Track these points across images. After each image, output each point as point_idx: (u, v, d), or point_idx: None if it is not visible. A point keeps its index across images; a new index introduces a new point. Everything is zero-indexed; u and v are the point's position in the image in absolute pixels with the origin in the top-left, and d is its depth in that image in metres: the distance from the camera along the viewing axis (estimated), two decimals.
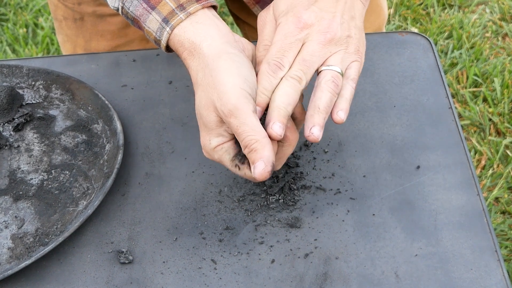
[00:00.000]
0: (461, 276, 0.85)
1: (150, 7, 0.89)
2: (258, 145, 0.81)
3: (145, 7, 0.89)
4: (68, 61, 1.15)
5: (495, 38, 2.54)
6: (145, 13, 0.89)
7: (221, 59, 0.85)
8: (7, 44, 2.58)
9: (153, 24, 0.89)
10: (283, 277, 0.85)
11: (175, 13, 0.88)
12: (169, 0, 0.88)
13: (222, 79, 0.83)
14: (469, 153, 0.98)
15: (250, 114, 0.82)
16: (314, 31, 0.86)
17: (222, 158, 0.86)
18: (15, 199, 0.96)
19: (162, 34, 0.88)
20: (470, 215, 0.91)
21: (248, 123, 0.82)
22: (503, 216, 1.99)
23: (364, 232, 0.90)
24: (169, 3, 0.88)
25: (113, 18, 1.24)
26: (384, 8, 1.33)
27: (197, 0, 0.89)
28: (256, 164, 0.82)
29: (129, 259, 0.88)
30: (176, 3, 0.88)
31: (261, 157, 0.81)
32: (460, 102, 2.30)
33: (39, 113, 1.06)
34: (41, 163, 1.00)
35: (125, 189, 0.96)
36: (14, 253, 0.89)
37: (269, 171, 0.82)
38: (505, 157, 2.12)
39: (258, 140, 0.81)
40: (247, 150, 0.82)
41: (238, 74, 0.84)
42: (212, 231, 0.91)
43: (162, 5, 0.88)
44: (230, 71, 0.84)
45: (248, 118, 0.82)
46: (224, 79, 0.83)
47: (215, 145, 0.85)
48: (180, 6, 0.88)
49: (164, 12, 0.88)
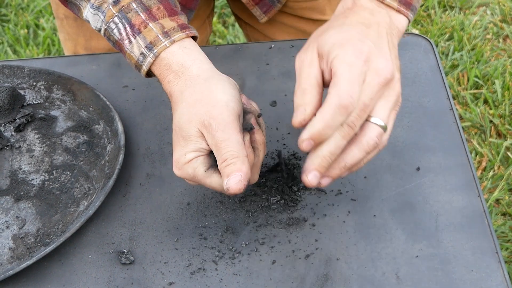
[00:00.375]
0: (462, 277, 0.85)
1: (135, 32, 0.89)
2: (238, 160, 0.82)
3: (130, 32, 0.90)
4: (70, 62, 1.15)
5: (496, 40, 2.54)
6: (129, 37, 0.90)
7: (213, 79, 0.86)
8: (8, 45, 2.58)
9: (136, 49, 0.89)
10: (284, 278, 0.86)
11: (159, 40, 0.88)
12: (154, 26, 0.89)
13: (215, 96, 0.84)
14: (470, 155, 0.98)
15: (237, 132, 0.83)
16: (372, 69, 0.79)
17: (197, 170, 0.85)
18: (16, 200, 0.96)
19: (145, 60, 0.89)
20: (471, 217, 0.91)
21: (233, 140, 0.83)
22: (504, 218, 1.99)
23: (365, 233, 0.90)
24: (154, 30, 0.89)
25: None
26: None
27: (181, 29, 0.89)
28: (232, 176, 0.82)
29: (130, 259, 0.88)
30: (161, 30, 0.89)
31: (239, 170, 0.82)
32: (461, 103, 2.30)
33: (40, 114, 1.06)
34: (42, 164, 1.00)
35: (126, 189, 0.97)
36: (15, 253, 0.89)
37: (245, 184, 0.82)
38: (506, 159, 2.12)
39: (238, 156, 0.82)
40: (225, 164, 0.82)
41: (230, 94, 0.85)
42: (213, 232, 0.91)
43: (147, 31, 0.89)
44: (223, 90, 0.85)
45: (234, 136, 0.83)
46: (217, 96, 0.84)
47: (191, 158, 0.85)
48: (165, 33, 0.89)
49: (149, 38, 0.89)
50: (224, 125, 0.83)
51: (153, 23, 0.89)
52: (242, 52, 1.15)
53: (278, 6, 1.25)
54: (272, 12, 1.25)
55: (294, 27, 1.29)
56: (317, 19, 1.28)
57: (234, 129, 0.83)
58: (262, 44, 1.17)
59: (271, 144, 1.01)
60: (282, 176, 0.95)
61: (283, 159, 0.96)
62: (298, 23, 1.28)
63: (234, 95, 0.85)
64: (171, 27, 0.89)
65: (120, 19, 0.90)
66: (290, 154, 0.99)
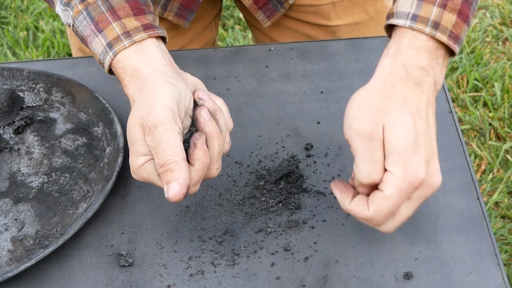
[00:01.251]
0: (461, 280, 0.85)
1: (98, 30, 0.90)
2: (175, 166, 0.80)
3: (93, 29, 0.90)
4: (69, 64, 1.15)
5: (495, 42, 2.54)
6: (92, 34, 0.90)
7: (158, 80, 0.84)
8: (7, 47, 2.58)
9: (98, 46, 0.89)
10: (283, 280, 0.85)
11: (120, 39, 0.88)
12: (116, 25, 0.89)
13: (155, 97, 0.82)
14: (469, 158, 0.98)
15: (175, 134, 0.81)
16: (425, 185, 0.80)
17: (150, 174, 0.84)
18: (15, 202, 0.96)
19: (105, 58, 0.89)
20: (470, 219, 0.91)
21: (170, 142, 0.80)
22: (503, 221, 1.99)
23: (364, 235, 0.90)
24: (116, 29, 0.89)
25: None
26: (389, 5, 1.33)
27: (144, 30, 0.89)
28: (171, 185, 0.80)
29: (129, 262, 0.88)
30: (122, 30, 0.89)
31: (177, 178, 0.80)
32: (460, 106, 2.30)
33: (39, 116, 1.06)
34: (41, 166, 1.00)
35: (125, 192, 0.97)
36: (14, 255, 0.89)
37: (184, 193, 0.80)
38: (505, 161, 2.12)
39: (175, 161, 0.80)
40: (163, 169, 0.81)
41: (171, 96, 0.82)
42: (212, 234, 0.91)
43: (109, 29, 0.89)
44: (165, 92, 0.83)
45: (172, 138, 0.80)
46: (157, 97, 0.82)
47: (143, 162, 0.84)
48: (126, 33, 0.88)
49: (110, 37, 0.89)
50: (159, 126, 0.81)
51: (116, 22, 0.89)
52: (242, 55, 1.15)
53: (282, 11, 1.25)
54: (276, 17, 1.25)
55: (299, 31, 1.29)
56: (322, 24, 1.28)
57: (169, 131, 0.81)
58: (262, 46, 1.17)
59: (270, 146, 1.01)
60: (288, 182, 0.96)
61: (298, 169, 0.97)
62: (303, 27, 1.28)
63: (176, 97, 0.83)
64: (133, 27, 0.89)
65: (85, 16, 0.90)
66: (289, 157, 0.99)
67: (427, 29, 0.83)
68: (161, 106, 0.81)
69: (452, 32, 0.84)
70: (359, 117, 0.80)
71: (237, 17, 2.66)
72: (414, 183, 0.78)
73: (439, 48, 0.84)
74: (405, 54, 0.83)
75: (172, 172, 0.80)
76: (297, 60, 1.13)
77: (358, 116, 0.80)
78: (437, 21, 0.83)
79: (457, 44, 0.84)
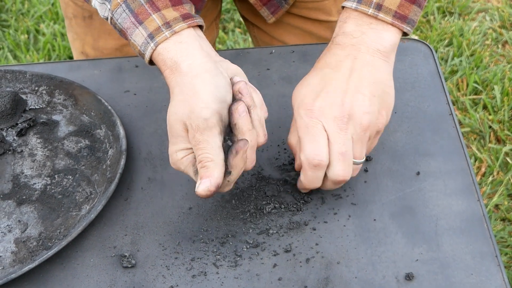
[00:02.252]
0: (461, 281, 0.85)
1: (138, 22, 0.91)
2: (212, 164, 0.85)
3: (133, 21, 0.91)
4: (71, 67, 1.15)
5: (495, 45, 2.54)
6: (132, 26, 0.91)
7: (199, 77, 0.87)
8: (8, 50, 2.58)
9: (139, 38, 0.91)
10: (284, 281, 0.86)
11: (160, 30, 0.90)
12: (156, 17, 0.90)
13: (197, 97, 0.85)
14: (469, 159, 0.98)
15: (216, 135, 0.85)
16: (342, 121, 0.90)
17: (187, 169, 0.89)
18: (18, 204, 0.96)
19: (146, 49, 0.90)
20: (471, 221, 0.91)
21: (211, 142, 0.85)
22: (503, 223, 1.99)
23: (365, 237, 0.90)
24: (156, 20, 0.90)
25: None
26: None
27: (183, 19, 0.90)
28: (203, 181, 0.85)
29: (132, 263, 0.89)
30: (163, 21, 0.90)
31: (210, 176, 0.84)
32: (460, 109, 2.31)
33: (42, 118, 1.07)
34: (44, 168, 1.00)
35: (127, 194, 0.97)
36: (17, 257, 0.90)
37: (212, 191, 0.85)
38: (505, 164, 2.13)
39: (213, 160, 0.85)
40: (200, 165, 0.85)
41: (213, 94, 0.86)
42: (214, 235, 0.91)
43: (149, 21, 0.90)
44: (207, 90, 0.86)
45: (212, 138, 0.85)
46: (199, 97, 0.85)
47: (181, 157, 0.88)
48: (166, 23, 0.90)
49: (151, 28, 0.90)
50: (203, 126, 0.84)
51: (155, 13, 0.91)
52: (243, 57, 1.15)
53: (286, 7, 1.26)
54: (280, 13, 1.26)
55: (301, 28, 1.30)
56: (324, 20, 1.29)
57: (213, 132, 0.85)
58: (263, 49, 1.18)
59: (271, 148, 1.01)
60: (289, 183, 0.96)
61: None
62: (304, 24, 1.29)
63: (219, 95, 0.86)
64: (173, 17, 0.90)
65: (124, 9, 0.92)
66: (291, 159, 0.99)
67: (370, 10, 0.91)
68: (203, 106, 0.85)
69: (397, 12, 0.91)
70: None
71: (238, 20, 2.67)
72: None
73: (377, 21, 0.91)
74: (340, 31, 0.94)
75: (207, 169, 0.85)
76: (298, 62, 1.14)
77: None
78: (380, 3, 0.91)
79: (406, 23, 0.92)
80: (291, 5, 1.26)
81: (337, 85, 0.90)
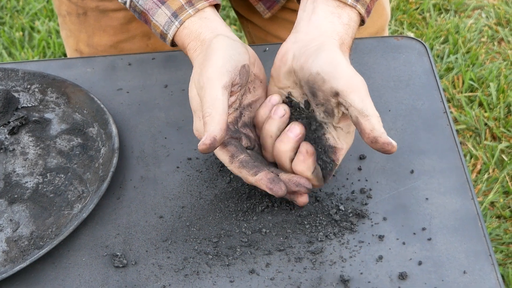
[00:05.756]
0: (455, 280, 0.85)
1: (160, 2, 0.93)
2: (209, 119, 0.83)
3: (155, 1, 0.93)
4: (64, 65, 1.15)
5: (491, 43, 2.54)
6: (154, 7, 0.93)
7: (215, 40, 0.89)
8: (3, 48, 2.58)
9: (162, 18, 0.92)
10: (278, 281, 0.86)
11: (184, 9, 0.92)
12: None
13: (208, 57, 0.87)
14: (463, 158, 0.98)
15: (217, 87, 0.85)
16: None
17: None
18: (10, 202, 0.96)
19: (170, 28, 0.92)
20: (465, 219, 0.91)
21: (212, 96, 0.84)
22: (499, 221, 1.99)
23: (359, 236, 0.90)
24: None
25: (115, 13, 1.25)
26: (387, 7, 1.33)
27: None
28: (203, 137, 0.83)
29: (124, 263, 0.88)
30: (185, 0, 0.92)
31: (207, 131, 0.83)
32: (456, 106, 2.31)
33: (34, 117, 1.06)
34: (36, 167, 1.00)
35: (120, 192, 0.97)
36: (8, 256, 0.89)
37: (206, 144, 0.82)
38: (500, 161, 2.13)
39: (211, 114, 0.83)
40: (203, 123, 0.84)
41: (224, 53, 0.87)
42: (207, 234, 0.91)
43: (171, 1, 0.92)
44: (218, 50, 0.87)
45: (213, 91, 0.84)
46: (210, 56, 0.87)
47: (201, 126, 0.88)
48: (189, 2, 0.92)
49: (174, 7, 0.92)
50: (206, 82, 0.85)
51: None
52: None
53: (282, 2, 1.25)
54: (276, 8, 1.26)
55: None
56: None
57: (214, 85, 0.84)
58: (257, 47, 1.17)
59: None
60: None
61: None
62: None
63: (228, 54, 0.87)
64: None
65: None
66: None
67: (350, 1, 0.90)
68: (212, 62, 0.86)
69: (368, 6, 0.92)
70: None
71: (233, 18, 2.67)
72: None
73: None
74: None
75: (205, 125, 0.84)
76: None
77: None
78: None
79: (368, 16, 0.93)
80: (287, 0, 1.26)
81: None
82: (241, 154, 0.88)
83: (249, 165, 0.87)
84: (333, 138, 0.88)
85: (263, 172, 0.87)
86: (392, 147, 0.83)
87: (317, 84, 0.85)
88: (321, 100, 0.86)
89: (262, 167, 0.87)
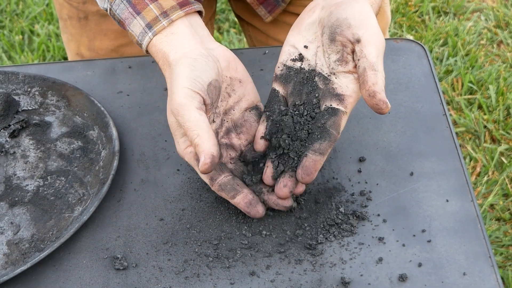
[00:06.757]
0: (455, 281, 0.85)
1: (136, 12, 0.92)
2: (199, 140, 0.84)
3: (131, 11, 0.92)
4: (64, 68, 1.15)
5: (490, 45, 2.55)
6: (130, 17, 0.93)
7: (178, 63, 0.88)
8: (3, 51, 2.58)
9: (136, 28, 0.92)
10: (278, 283, 0.86)
11: (158, 20, 0.91)
12: (153, 7, 0.91)
13: (175, 82, 0.87)
14: (463, 160, 0.98)
15: (193, 110, 0.85)
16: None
17: (192, 162, 0.90)
18: (10, 205, 0.96)
19: (143, 39, 0.92)
20: (464, 221, 0.91)
21: (191, 119, 0.84)
22: (498, 223, 1.99)
23: (359, 238, 0.90)
24: (154, 10, 0.91)
25: None
26: (387, 11, 1.33)
27: (180, 7, 0.91)
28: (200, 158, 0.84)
29: (124, 265, 0.88)
30: (160, 10, 0.91)
31: (202, 151, 0.83)
32: (455, 109, 2.31)
33: (35, 120, 1.07)
34: (37, 170, 1.00)
35: (120, 195, 0.97)
36: (9, 259, 0.90)
37: (207, 163, 0.83)
38: (500, 164, 2.13)
39: (199, 134, 0.84)
40: (194, 146, 0.85)
41: (188, 76, 0.86)
42: (207, 237, 0.91)
43: (146, 11, 0.92)
44: (182, 74, 0.87)
45: (191, 114, 0.85)
46: (175, 82, 0.87)
47: (184, 147, 0.89)
48: (164, 13, 0.91)
49: (148, 18, 0.91)
50: (179, 108, 0.85)
51: (153, 3, 0.91)
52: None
53: (283, 5, 1.25)
54: (277, 12, 1.26)
55: None
56: None
57: (188, 109, 0.84)
58: (257, 49, 1.17)
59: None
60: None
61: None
62: None
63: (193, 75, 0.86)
64: (170, 6, 0.91)
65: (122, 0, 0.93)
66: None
67: None
68: (178, 89, 0.85)
69: None
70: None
71: (232, 21, 2.67)
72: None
73: None
74: None
75: (198, 146, 0.84)
76: None
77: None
78: None
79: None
80: (288, 3, 1.26)
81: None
82: (220, 176, 0.90)
83: (227, 188, 0.89)
84: (340, 87, 0.89)
85: (241, 195, 0.89)
86: (386, 106, 0.84)
87: (340, 28, 0.87)
88: (337, 46, 0.88)
89: (240, 189, 0.89)
